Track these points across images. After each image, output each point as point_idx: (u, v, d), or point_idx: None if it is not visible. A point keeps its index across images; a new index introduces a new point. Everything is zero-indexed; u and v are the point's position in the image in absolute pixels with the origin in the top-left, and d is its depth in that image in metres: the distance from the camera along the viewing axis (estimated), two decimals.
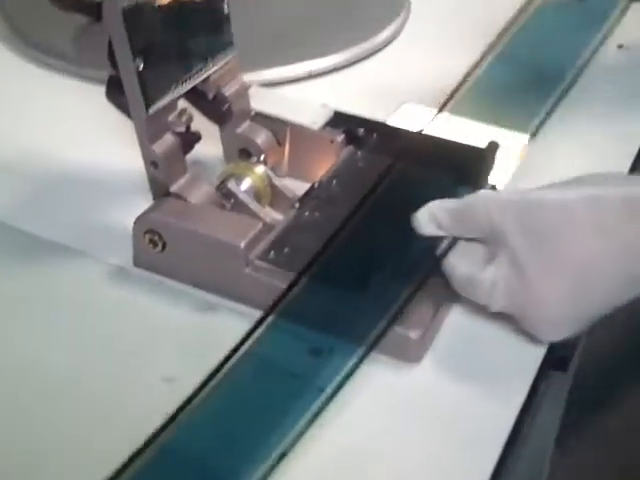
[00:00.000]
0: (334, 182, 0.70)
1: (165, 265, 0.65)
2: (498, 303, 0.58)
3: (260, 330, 0.59)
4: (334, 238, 0.63)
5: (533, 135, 0.80)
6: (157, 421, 0.53)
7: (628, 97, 0.89)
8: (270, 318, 0.60)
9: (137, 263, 0.66)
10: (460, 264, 0.59)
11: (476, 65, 0.78)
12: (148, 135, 0.63)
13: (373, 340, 0.59)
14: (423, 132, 0.75)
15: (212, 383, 0.55)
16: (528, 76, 0.90)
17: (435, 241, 0.61)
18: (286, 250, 0.63)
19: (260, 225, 0.63)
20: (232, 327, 0.62)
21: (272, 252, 0.63)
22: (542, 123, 0.82)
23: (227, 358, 0.56)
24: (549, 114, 0.84)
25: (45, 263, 0.68)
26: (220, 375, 0.56)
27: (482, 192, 0.61)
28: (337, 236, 0.63)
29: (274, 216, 0.68)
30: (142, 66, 0.61)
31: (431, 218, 0.60)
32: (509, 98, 0.86)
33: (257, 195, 0.69)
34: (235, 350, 0.56)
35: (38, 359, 0.60)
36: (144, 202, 0.67)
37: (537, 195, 0.58)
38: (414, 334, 0.59)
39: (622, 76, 0.92)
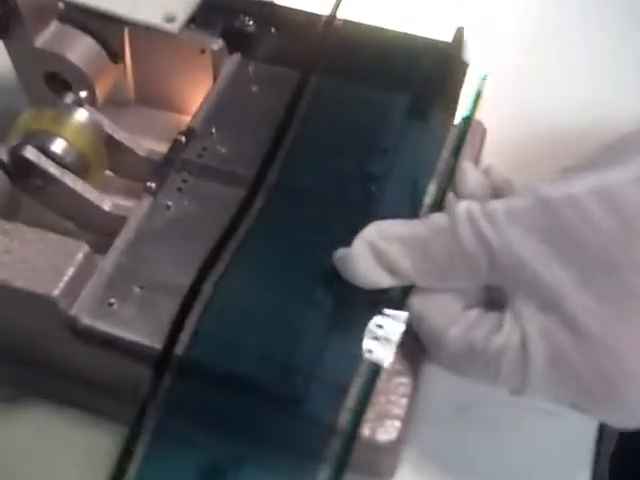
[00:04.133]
0: (214, 130, 0.41)
1: None
2: (537, 382, 0.32)
3: None
4: (224, 262, 0.35)
5: None
6: None
7: None
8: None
9: None
10: (450, 324, 0.33)
11: None
12: None
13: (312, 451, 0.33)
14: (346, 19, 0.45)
15: None
16: None
17: None
18: (137, 290, 0.35)
19: (85, 249, 0.34)
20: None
21: (113, 298, 0.34)
22: None
23: None
24: None
25: None
26: None
27: (461, 205, 0.33)
28: (232, 256, 0.35)
29: (118, 202, 0.39)
30: None
31: (375, 257, 0.33)
32: None
33: (82, 162, 0.40)
34: None
35: None
36: None
37: (548, 192, 0.32)
38: (383, 437, 0.33)
39: None
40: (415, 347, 0.34)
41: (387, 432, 0.33)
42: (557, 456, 0.36)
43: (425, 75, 0.41)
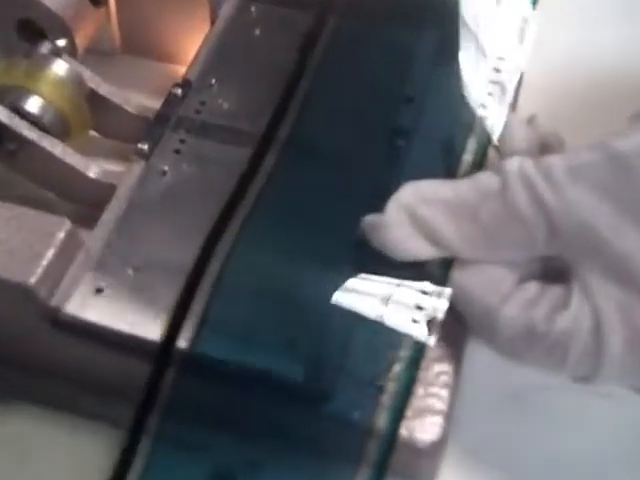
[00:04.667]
0: (214, 81, 0.35)
1: None
2: (612, 368, 0.27)
3: None
4: (232, 234, 0.30)
5: None
6: None
7: None
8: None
9: None
10: (503, 301, 0.28)
11: None
12: None
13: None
14: None
15: None
16: None
17: None
18: (130, 272, 0.30)
19: (67, 226, 0.29)
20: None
21: (102, 283, 0.29)
22: None
23: None
24: None
25: None
26: None
27: (512, 162, 0.28)
28: (241, 228, 0.30)
29: (105, 167, 0.34)
30: None
31: (413, 223, 0.28)
32: None
33: (62, 122, 0.34)
34: None
35: None
36: None
37: (619, 144, 0.27)
38: (423, 437, 0.28)
39: None
40: (456, 328, 0.30)
41: (427, 431, 0.28)
42: (629, 449, 0.31)
43: (456, 9, 0.36)
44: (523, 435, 0.31)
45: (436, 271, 0.29)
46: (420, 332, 0.28)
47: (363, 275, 0.29)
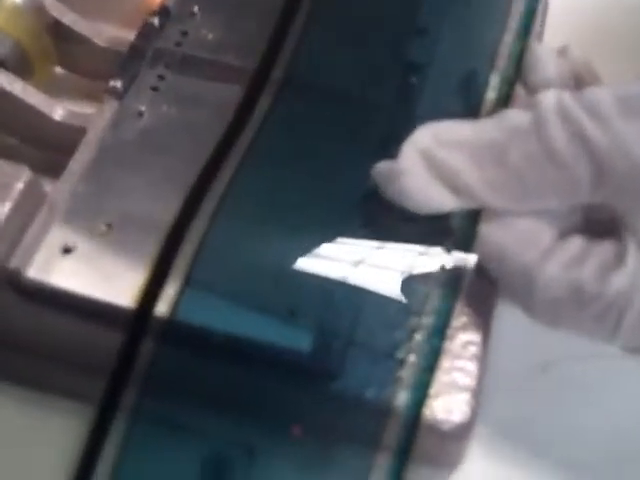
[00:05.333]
0: (196, 8, 0.31)
1: None
2: None
3: None
4: (221, 186, 0.26)
5: None
6: None
7: None
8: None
9: None
10: (544, 258, 0.24)
11: None
12: None
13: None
14: None
15: None
16: None
17: None
18: (102, 228, 0.25)
19: (27, 176, 0.24)
20: None
21: (70, 241, 0.25)
22: None
23: None
24: None
25: None
26: None
27: (548, 96, 0.24)
28: (231, 178, 0.26)
29: (73, 108, 0.30)
30: None
31: (432, 170, 0.24)
32: None
33: (21, 56, 0.30)
34: None
35: None
36: None
37: None
38: (450, 418, 0.24)
39: None
40: (484, 291, 0.26)
41: (453, 411, 0.24)
42: None
43: None
44: (558, 410, 0.27)
45: (461, 224, 0.25)
46: (441, 295, 0.24)
47: (375, 231, 0.25)
